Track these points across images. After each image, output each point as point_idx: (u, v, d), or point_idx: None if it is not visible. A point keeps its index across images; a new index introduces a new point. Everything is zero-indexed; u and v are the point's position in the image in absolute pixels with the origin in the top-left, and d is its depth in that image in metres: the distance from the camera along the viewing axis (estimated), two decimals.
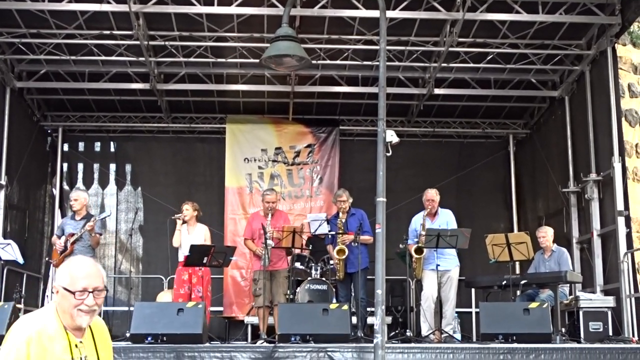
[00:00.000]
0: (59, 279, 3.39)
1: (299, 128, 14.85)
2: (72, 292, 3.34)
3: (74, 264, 3.44)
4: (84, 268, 3.43)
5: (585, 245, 12.33)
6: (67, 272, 3.39)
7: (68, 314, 3.36)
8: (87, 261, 3.51)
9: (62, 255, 10.02)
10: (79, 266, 3.43)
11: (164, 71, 13.17)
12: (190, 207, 10.66)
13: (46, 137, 15.14)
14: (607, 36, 11.32)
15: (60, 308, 3.38)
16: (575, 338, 9.88)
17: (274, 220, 10.39)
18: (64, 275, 3.38)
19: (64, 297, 3.35)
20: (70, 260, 3.48)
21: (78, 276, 3.37)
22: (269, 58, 8.15)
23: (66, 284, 3.36)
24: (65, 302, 3.36)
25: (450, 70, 13.09)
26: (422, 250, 10.00)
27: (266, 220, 10.35)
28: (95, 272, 3.44)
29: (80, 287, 3.35)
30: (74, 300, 3.34)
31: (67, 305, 3.35)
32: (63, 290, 3.35)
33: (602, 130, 11.57)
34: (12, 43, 12.12)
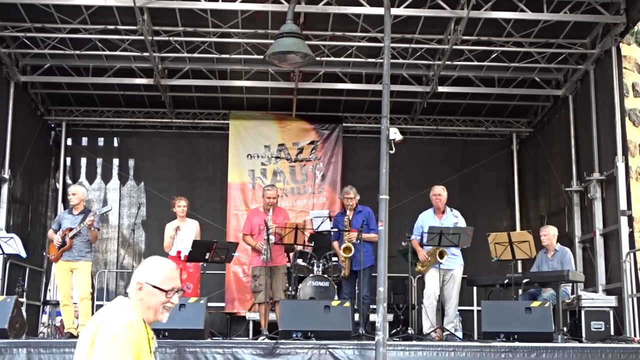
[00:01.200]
0: (145, 277, 3.60)
1: (302, 125, 14.85)
2: (164, 290, 3.59)
3: (162, 265, 3.68)
4: (172, 269, 3.71)
5: (587, 245, 12.33)
6: (156, 271, 3.63)
7: (152, 310, 3.59)
8: (171, 263, 3.79)
9: (60, 250, 10.01)
10: (167, 267, 3.69)
11: (168, 67, 13.17)
12: (185, 202, 10.72)
13: (50, 131, 15.15)
14: (612, 35, 11.30)
15: (144, 304, 3.58)
16: (577, 337, 9.87)
17: (274, 216, 10.40)
18: (153, 274, 3.61)
19: (152, 294, 3.58)
20: (155, 260, 3.72)
21: (168, 276, 3.63)
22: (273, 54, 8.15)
23: (156, 282, 3.59)
24: (152, 299, 3.58)
25: (454, 68, 13.08)
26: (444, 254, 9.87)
27: (267, 215, 10.36)
28: (177, 274, 3.76)
29: (169, 287, 3.61)
30: (163, 297, 3.59)
31: (155, 302, 3.58)
32: (152, 287, 3.58)
33: (606, 129, 11.56)
34: (16, 37, 12.13)
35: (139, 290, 3.58)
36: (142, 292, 3.57)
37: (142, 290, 3.57)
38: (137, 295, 3.58)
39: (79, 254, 10.02)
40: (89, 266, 10.15)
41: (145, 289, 3.57)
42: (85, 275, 10.05)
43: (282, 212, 10.79)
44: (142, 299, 3.57)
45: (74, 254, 10.00)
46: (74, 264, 10.01)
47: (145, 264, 3.70)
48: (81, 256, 10.03)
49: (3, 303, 9.08)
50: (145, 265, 3.69)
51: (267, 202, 10.48)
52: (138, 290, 3.58)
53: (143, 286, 3.57)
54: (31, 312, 12.49)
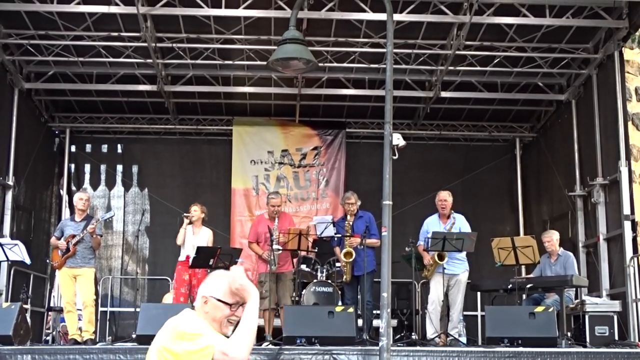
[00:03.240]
0: (210, 291, 3.60)
1: (306, 130, 14.87)
2: (229, 304, 3.59)
3: (227, 279, 3.63)
4: (234, 284, 3.62)
5: (591, 249, 12.31)
6: (221, 286, 3.61)
7: (217, 323, 3.59)
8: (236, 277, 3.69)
9: (64, 257, 10.07)
10: (231, 282, 3.61)
11: (171, 73, 13.20)
12: (198, 208, 10.73)
13: (54, 138, 15.18)
14: (614, 40, 11.31)
15: (209, 317, 3.58)
16: (581, 342, 9.86)
17: (280, 223, 10.42)
18: (217, 287, 3.61)
19: (217, 307, 3.58)
20: (220, 274, 3.70)
21: (233, 290, 3.59)
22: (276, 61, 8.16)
23: (220, 295, 3.58)
24: (217, 312, 3.58)
25: (457, 74, 13.09)
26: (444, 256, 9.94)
27: (273, 224, 10.36)
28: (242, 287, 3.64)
29: (234, 300, 3.60)
30: (228, 311, 3.60)
31: (220, 315, 3.59)
32: (216, 301, 3.58)
33: (609, 133, 11.56)
34: (20, 44, 12.16)
35: (204, 303, 3.60)
36: (208, 305, 3.59)
37: (208, 304, 3.59)
38: (203, 309, 3.61)
39: (83, 261, 10.08)
40: (92, 273, 10.22)
41: (210, 303, 3.59)
42: (89, 281, 10.12)
43: (287, 218, 10.81)
44: (208, 312, 3.59)
45: (77, 261, 10.06)
46: (78, 271, 10.07)
47: (209, 278, 3.72)
48: (85, 263, 10.09)
49: (7, 310, 9.11)
50: (209, 279, 3.71)
51: (272, 210, 10.49)
52: (203, 303, 3.60)
53: (208, 300, 3.59)
54: (35, 319, 12.51)
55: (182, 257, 10.58)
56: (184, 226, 10.63)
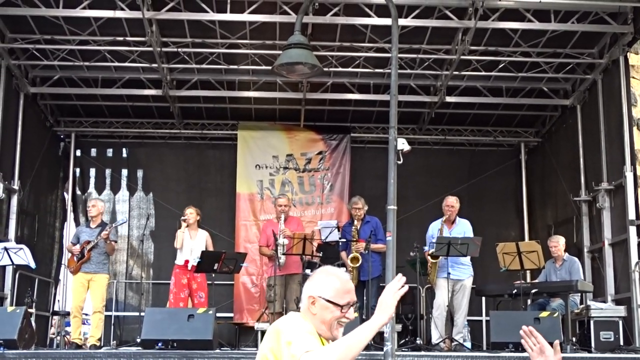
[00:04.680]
0: (319, 291, 3.37)
1: (310, 135, 14.87)
2: (339, 305, 3.36)
3: (337, 277, 3.43)
4: (347, 282, 3.45)
5: (596, 255, 12.29)
6: (331, 285, 3.38)
7: (327, 325, 3.37)
8: (346, 275, 3.53)
9: (79, 262, 10.29)
10: (343, 280, 3.43)
11: (177, 77, 13.22)
12: (194, 210, 10.79)
13: (59, 142, 15.21)
14: (620, 45, 11.30)
15: (317, 318, 3.36)
16: (586, 347, 9.83)
17: (287, 224, 10.45)
18: (327, 288, 3.37)
19: (327, 308, 3.35)
20: (329, 271, 3.47)
21: (343, 289, 3.39)
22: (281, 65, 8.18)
23: (330, 296, 3.35)
24: (327, 314, 3.35)
25: (462, 78, 13.09)
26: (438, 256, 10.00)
27: (277, 225, 10.39)
28: (353, 286, 3.48)
29: (345, 301, 3.38)
30: (338, 313, 3.37)
31: (329, 317, 3.36)
32: (325, 302, 3.35)
33: (614, 138, 11.54)
34: (26, 49, 12.20)
35: (311, 304, 3.36)
36: (316, 306, 3.36)
37: (316, 305, 3.35)
38: (310, 310, 3.37)
39: (97, 266, 10.33)
40: (105, 279, 10.44)
41: (319, 304, 3.35)
42: (101, 288, 10.34)
43: (295, 221, 10.89)
44: (316, 314, 3.36)
45: (92, 266, 10.31)
46: (92, 276, 10.29)
47: (317, 276, 3.46)
48: (99, 268, 10.35)
49: (12, 314, 9.12)
50: (317, 277, 3.45)
51: (279, 210, 10.57)
52: (311, 304, 3.37)
53: (316, 300, 3.35)
54: (40, 323, 12.52)
55: (179, 261, 10.61)
56: (182, 229, 10.65)
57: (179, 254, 10.69)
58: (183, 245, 10.61)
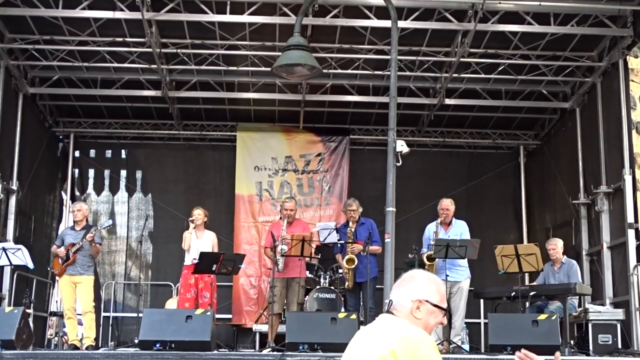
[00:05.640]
0: (426, 294, 3.28)
1: (310, 137, 14.87)
2: (443, 309, 3.28)
3: (439, 283, 3.36)
4: (443, 287, 3.38)
5: (594, 257, 12.29)
6: (437, 289, 3.32)
7: (428, 330, 3.27)
8: (441, 280, 3.45)
9: (64, 265, 10.25)
10: (442, 285, 3.36)
11: (176, 79, 13.21)
12: (202, 212, 10.77)
13: (57, 143, 15.19)
14: (619, 48, 11.31)
15: (421, 324, 3.25)
16: (584, 350, 9.84)
17: (292, 228, 10.46)
18: (434, 292, 3.30)
19: (432, 313, 3.27)
20: (429, 276, 3.38)
21: (444, 295, 3.33)
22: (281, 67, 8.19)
23: (437, 301, 3.28)
24: (432, 319, 3.27)
25: (461, 81, 13.08)
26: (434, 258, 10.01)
27: (280, 228, 10.40)
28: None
29: (445, 306, 3.32)
30: (440, 318, 3.29)
31: (433, 322, 3.28)
32: (432, 306, 3.27)
33: (613, 142, 11.55)
34: (25, 49, 12.20)
35: (416, 309, 3.24)
36: (421, 311, 3.25)
37: (421, 310, 3.25)
38: (414, 314, 3.24)
39: (82, 268, 10.30)
40: (91, 280, 10.42)
41: (426, 308, 3.25)
42: (88, 289, 10.32)
43: (300, 225, 10.88)
44: (421, 319, 3.24)
45: (77, 269, 10.28)
46: (78, 278, 10.29)
47: (420, 280, 3.33)
48: (84, 270, 10.33)
49: (10, 314, 9.10)
50: (420, 281, 3.33)
51: (285, 213, 10.59)
52: (416, 308, 3.24)
53: (422, 304, 3.25)
54: (38, 323, 12.52)
55: (187, 261, 10.60)
56: (190, 231, 10.64)
57: (186, 254, 10.69)
58: (190, 246, 10.60)
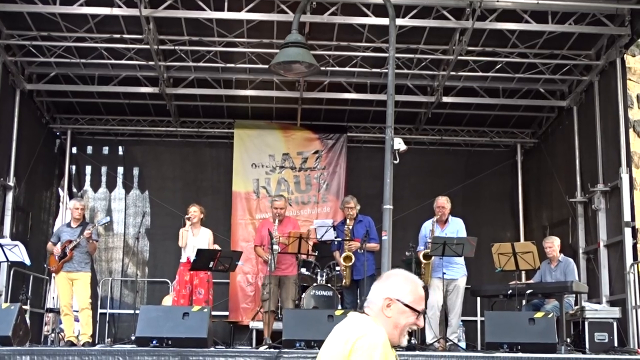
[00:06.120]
0: (397, 293, 3.26)
1: (307, 134, 14.87)
2: (417, 311, 3.26)
3: (415, 283, 3.33)
4: (421, 288, 3.35)
5: (591, 256, 12.31)
6: (412, 289, 3.29)
7: (397, 330, 3.26)
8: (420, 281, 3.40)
9: (61, 262, 10.26)
10: (419, 286, 3.33)
11: (173, 75, 13.20)
12: (197, 209, 10.74)
13: (55, 139, 15.17)
14: (617, 47, 11.32)
15: (391, 322, 3.25)
16: (581, 348, 9.85)
17: (283, 227, 10.43)
18: (407, 292, 3.27)
19: (404, 313, 3.25)
20: (407, 276, 3.35)
21: (420, 296, 3.30)
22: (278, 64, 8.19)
23: (409, 301, 3.26)
24: (402, 318, 3.25)
25: (459, 79, 13.09)
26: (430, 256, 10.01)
27: (273, 225, 10.39)
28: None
29: (420, 308, 3.29)
30: (412, 319, 3.27)
31: (404, 322, 3.26)
32: (404, 306, 3.25)
33: (610, 140, 11.56)
34: (22, 45, 12.18)
35: (387, 307, 3.24)
36: (391, 309, 3.24)
37: (391, 308, 3.24)
38: (384, 312, 3.25)
39: (79, 265, 10.30)
40: (88, 277, 10.42)
41: (396, 307, 3.24)
42: (85, 286, 10.32)
43: (291, 222, 10.84)
44: (390, 317, 3.24)
45: (74, 265, 10.27)
46: (75, 275, 10.29)
47: (395, 279, 3.33)
48: (81, 267, 10.33)
49: (7, 310, 9.10)
50: (395, 280, 3.32)
51: (275, 212, 10.54)
52: (386, 306, 3.24)
53: (394, 303, 3.24)
54: (34, 320, 12.51)
55: (183, 258, 10.59)
56: (186, 228, 10.63)
57: (182, 252, 10.68)
58: (186, 244, 10.59)
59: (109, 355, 8.03)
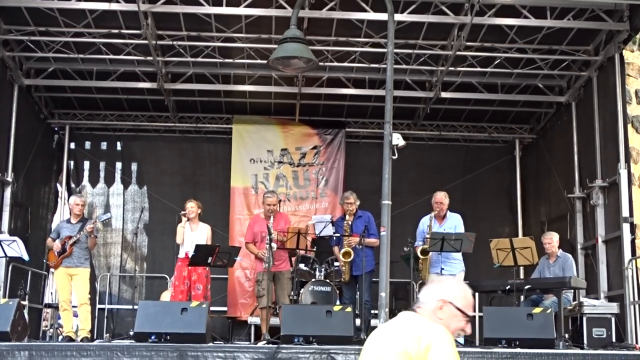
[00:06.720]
0: (451, 296, 3.37)
1: (305, 129, 14.87)
2: (467, 316, 3.35)
3: (468, 290, 3.45)
4: (472, 297, 3.46)
5: (589, 251, 12.32)
6: (465, 295, 3.41)
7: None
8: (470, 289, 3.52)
9: (60, 257, 10.28)
10: (470, 293, 3.45)
11: (172, 71, 13.19)
12: (194, 204, 10.75)
13: (53, 134, 15.17)
14: (615, 42, 11.30)
15: (444, 325, 3.32)
16: (579, 344, 9.87)
17: (275, 222, 10.40)
18: (460, 296, 3.39)
19: (455, 317, 3.35)
20: (462, 283, 3.50)
21: (472, 303, 3.42)
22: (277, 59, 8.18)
23: (462, 305, 3.37)
24: (453, 322, 3.35)
25: (458, 74, 13.08)
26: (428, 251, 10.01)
27: (265, 222, 10.38)
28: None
29: (471, 314, 3.40)
30: (462, 323, 3.37)
31: (454, 326, 3.35)
32: (456, 309, 3.35)
33: (609, 136, 11.56)
34: (20, 40, 12.15)
35: (439, 309, 3.34)
36: (444, 311, 3.34)
37: (444, 310, 3.34)
38: (436, 314, 3.34)
39: (79, 261, 10.32)
40: (87, 273, 10.44)
41: (448, 309, 3.34)
42: (84, 281, 10.34)
43: (283, 218, 10.81)
44: (442, 319, 3.33)
45: (73, 261, 10.29)
46: (74, 270, 10.31)
47: (450, 283, 3.47)
48: (80, 263, 10.35)
49: (5, 306, 9.09)
50: (449, 283, 3.47)
51: (267, 208, 10.50)
52: (439, 308, 3.34)
53: (446, 305, 3.34)
54: (33, 315, 12.51)
55: (181, 254, 10.60)
56: (182, 224, 10.63)
57: (181, 247, 10.68)
58: (184, 239, 10.59)
59: (107, 351, 8.03)
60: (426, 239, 10.03)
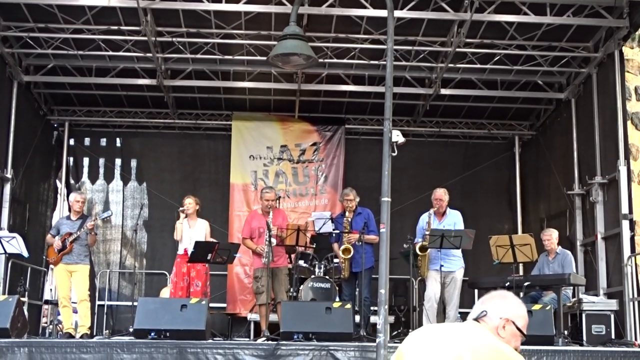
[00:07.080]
0: (514, 316, 3.33)
1: (305, 126, 14.86)
2: (525, 336, 3.32)
3: (525, 309, 3.41)
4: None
5: (589, 248, 12.32)
6: (524, 314, 3.37)
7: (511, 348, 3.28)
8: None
9: (60, 254, 10.25)
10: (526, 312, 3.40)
11: (171, 67, 13.18)
12: (192, 200, 10.74)
13: (52, 131, 15.15)
14: (615, 39, 11.30)
15: (505, 342, 3.28)
16: (578, 341, 9.87)
17: (273, 219, 10.40)
18: (521, 316, 3.36)
19: (515, 336, 3.32)
20: (519, 300, 3.43)
21: (527, 322, 3.38)
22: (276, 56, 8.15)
23: (522, 325, 3.34)
24: (513, 341, 3.31)
25: (457, 71, 13.08)
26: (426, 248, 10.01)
27: (263, 218, 10.38)
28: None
29: (525, 332, 3.34)
30: (518, 343, 3.32)
31: (512, 344, 3.29)
32: (516, 329, 3.32)
33: (608, 132, 11.56)
34: (20, 37, 12.14)
35: (502, 327, 3.31)
36: (506, 330, 3.30)
37: (506, 329, 3.30)
38: (499, 332, 3.30)
39: (78, 258, 10.31)
40: (87, 269, 10.42)
41: (510, 329, 3.30)
42: (84, 278, 10.33)
43: (280, 214, 10.80)
44: (504, 338, 3.28)
45: (73, 258, 10.28)
46: (73, 267, 10.30)
47: (514, 302, 3.41)
48: (80, 260, 10.34)
49: (5, 302, 9.10)
50: (514, 303, 3.40)
51: (266, 204, 10.49)
52: (502, 327, 3.31)
53: (509, 325, 3.31)
54: (32, 312, 12.52)
55: (180, 250, 10.60)
56: (180, 221, 10.63)
57: (179, 244, 10.68)
58: (182, 236, 10.59)
59: (107, 347, 8.04)
60: (425, 235, 10.02)
